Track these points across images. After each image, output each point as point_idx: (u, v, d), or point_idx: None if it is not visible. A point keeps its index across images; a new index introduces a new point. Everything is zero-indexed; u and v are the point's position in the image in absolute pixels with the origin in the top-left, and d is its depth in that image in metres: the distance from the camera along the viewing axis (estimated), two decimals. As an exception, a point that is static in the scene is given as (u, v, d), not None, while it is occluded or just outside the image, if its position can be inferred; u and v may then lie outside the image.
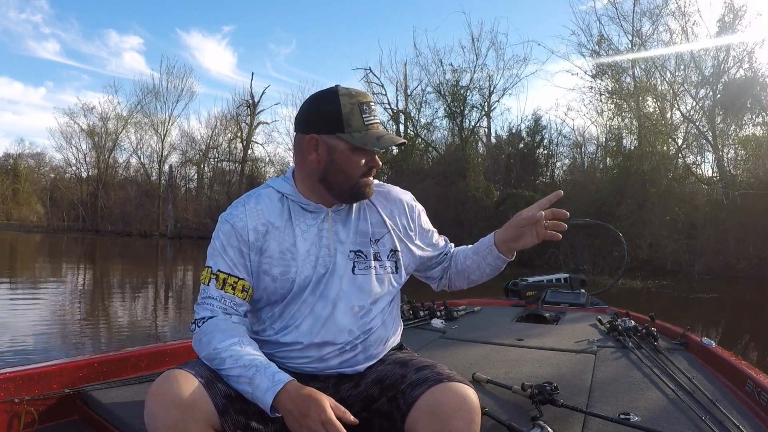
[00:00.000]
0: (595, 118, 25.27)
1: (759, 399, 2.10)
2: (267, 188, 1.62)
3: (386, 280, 1.61)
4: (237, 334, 1.42)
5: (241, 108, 39.87)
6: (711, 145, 21.03)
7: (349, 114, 1.48)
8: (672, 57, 22.07)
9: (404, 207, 1.71)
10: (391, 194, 1.70)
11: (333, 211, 1.59)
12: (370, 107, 1.52)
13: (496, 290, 5.31)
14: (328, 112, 1.49)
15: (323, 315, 1.52)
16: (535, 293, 4.66)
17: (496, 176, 26.56)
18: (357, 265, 1.57)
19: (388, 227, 1.64)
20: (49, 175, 50.00)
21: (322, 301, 1.53)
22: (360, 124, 1.49)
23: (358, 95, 1.51)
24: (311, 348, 1.52)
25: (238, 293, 1.50)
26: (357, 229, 1.61)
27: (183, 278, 15.68)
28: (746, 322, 10.16)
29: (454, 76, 27.95)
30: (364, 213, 1.64)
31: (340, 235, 1.58)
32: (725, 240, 18.56)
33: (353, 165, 1.52)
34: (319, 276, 1.53)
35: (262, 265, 1.53)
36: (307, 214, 1.57)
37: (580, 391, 2.21)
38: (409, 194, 1.77)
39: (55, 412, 2.00)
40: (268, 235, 1.54)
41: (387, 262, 1.62)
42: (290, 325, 1.53)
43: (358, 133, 1.48)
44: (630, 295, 12.79)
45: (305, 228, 1.56)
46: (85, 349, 6.26)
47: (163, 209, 39.42)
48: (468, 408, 1.27)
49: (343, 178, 1.52)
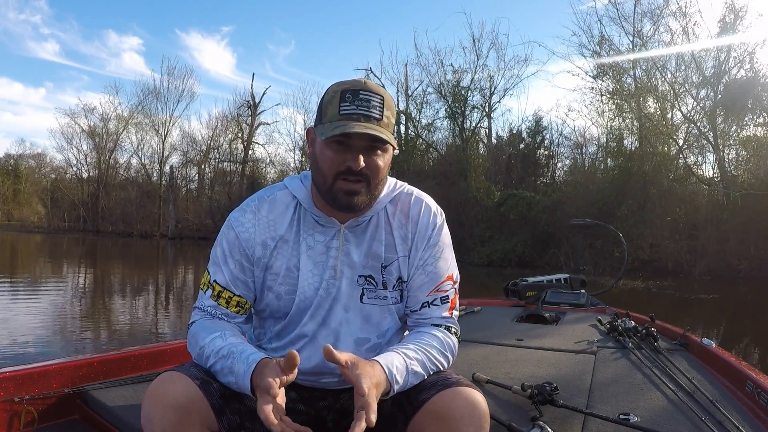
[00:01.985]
0: (596, 119, 25.34)
1: (759, 399, 2.10)
2: (283, 190, 1.48)
3: (395, 311, 1.48)
4: (219, 328, 1.38)
5: (242, 109, 39.93)
6: (712, 145, 21.01)
7: (327, 103, 1.33)
8: (673, 57, 22.12)
9: (424, 233, 1.47)
10: (413, 212, 1.47)
11: (347, 227, 1.44)
12: (356, 95, 1.30)
13: (496, 290, 5.31)
14: (319, 104, 1.38)
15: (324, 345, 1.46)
16: (535, 293, 4.66)
17: (497, 177, 26.56)
18: (366, 293, 1.44)
19: (398, 253, 1.46)
20: (50, 176, 50.03)
21: (324, 329, 1.44)
22: (334, 113, 1.30)
23: (350, 83, 1.33)
24: (310, 374, 1.47)
25: (232, 308, 1.44)
26: (370, 251, 1.45)
27: (183, 279, 15.68)
28: (747, 323, 10.15)
29: (455, 77, 28.03)
30: (380, 233, 1.46)
31: (351, 256, 1.44)
32: (726, 240, 18.53)
33: (326, 161, 1.33)
34: (321, 300, 1.43)
35: (266, 281, 1.45)
36: (318, 228, 1.44)
37: (580, 392, 2.21)
38: (436, 215, 1.50)
39: (55, 411, 2.00)
40: (276, 250, 1.44)
41: (394, 291, 1.46)
42: (288, 349, 1.44)
43: (330, 123, 1.30)
44: (631, 295, 12.78)
45: (312, 244, 1.43)
46: (85, 348, 6.26)
47: (163, 210, 39.43)
48: (478, 414, 1.24)
49: (319, 176, 1.37)
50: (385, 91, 1.36)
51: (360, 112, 1.29)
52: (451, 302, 1.48)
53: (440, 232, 1.49)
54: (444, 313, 1.47)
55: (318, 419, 1.50)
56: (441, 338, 1.41)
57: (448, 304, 1.47)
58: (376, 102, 1.32)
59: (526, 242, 21.68)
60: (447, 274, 1.48)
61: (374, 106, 1.31)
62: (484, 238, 22.94)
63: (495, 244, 22.34)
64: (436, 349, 1.38)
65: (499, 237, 22.68)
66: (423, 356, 1.33)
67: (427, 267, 1.46)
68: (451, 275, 1.49)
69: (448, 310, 1.47)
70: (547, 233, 21.35)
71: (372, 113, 1.31)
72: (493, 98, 28.03)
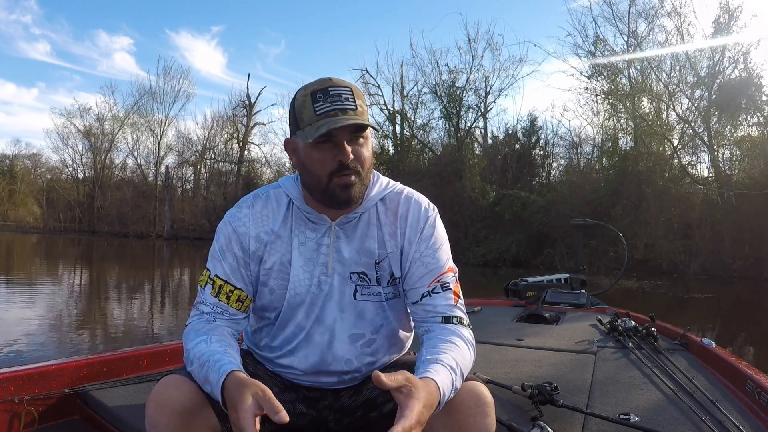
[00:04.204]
0: (591, 119, 25.35)
1: (759, 399, 2.10)
2: (278, 189, 1.50)
3: (389, 307, 1.48)
4: (207, 332, 1.36)
5: (238, 109, 39.87)
6: (706, 145, 21.06)
7: (300, 108, 1.33)
8: (668, 57, 22.12)
9: (416, 227, 1.47)
10: (402, 209, 1.48)
11: (338, 224, 1.44)
12: (326, 93, 1.31)
13: (491, 290, 5.31)
14: (290, 113, 1.38)
15: (320, 343, 1.44)
16: (536, 293, 4.67)
17: (492, 177, 26.52)
18: (360, 289, 1.44)
19: (387, 249, 1.46)
20: (46, 176, 49.84)
21: (319, 326, 1.44)
22: (311, 116, 1.31)
23: (316, 84, 1.34)
24: (307, 374, 1.47)
25: (233, 303, 1.42)
26: (362, 247, 1.45)
27: (179, 279, 15.65)
28: (742, 322, 10.19)
29: (451, 77, 28.00)
30: (372, 229, 1.46)
31: (342, 252, 1.44)
32: (721, 240, 18.59)
33: (315, 164, 1.34)
34: (313, 297, 1.44)
35: (260, 276, 1.45)
36: (309, 225, 1.45)
37: (580, 392, 2.22)
38: (427, 210, 1.50)
39: (55, 412, 2.00)
40: (270, 245, 1.44)
41: (388, 287, 1.46)
42: (285, 348, 1.47)
43: (308, 127, 1.31)
44: (625, 295, 12.80)
45: (303, 240, 1.44)
46: (81, 349, 6.24)
47: (159, 210, 39.30)
48: (483, 403, 1.25)
49: (312, 180, 1.37)
50: (350, 83, 1.36)
51: (336, 107, 1.30)
52: (454, 291, 1.44)
53: (434, 225, 1.48)
54: (449, 301, 1.42)
55: (319, 420, 1.50)
56: (467, 336, 1.38)
57: (451, 291, 1.43)
58: (346, 94, 1.32)
59: (521, 242, 21.69)
60: (447, 266, 1.46)
61: (346, 99, 1.32)
62: (479, 238, 22.94)
63: (490, 244, 22.34)
64: (468, 358, 1.34)
65: (494, 237, 22.68)
66: (461, 367, 1.27)
67: (424, 259, 1.44)
68: (452, 267, 1.47)
69: (453, 299, 1.43)
70: (542, 233, 21.38)
71: (347, 105, 1.31)
72: (488, 98, 28.04)
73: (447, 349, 1.30)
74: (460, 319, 1.41)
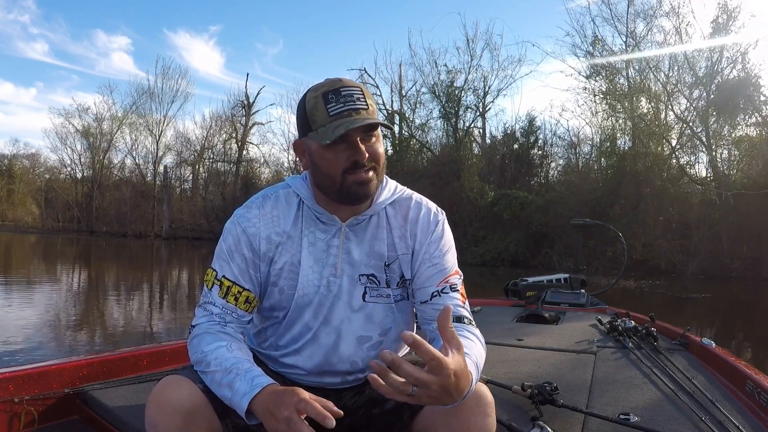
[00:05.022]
0: (590, 119, 25.41)
1: (759, 399, 2.11)
2: (286, 189, 1.49)
3: (397, 309, 1.48)
4: (226, 338, 1.35)
5: (236, 109, 39.86)
6: (705, 145, 21.11)
7: (312, 109, 1.33)
8: (666, 58, 22.20)
9: (426, 230, 1.48)
10: (412, 214, 1.49)
11: (348, 226, 1.44)
12: (338, 94, 1.32)
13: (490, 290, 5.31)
14: (300, 114, 1.38)
15: (326, 344, 1.44)
16: (535, 293, 4.67)
17: (490, 177, 26.54)
18: (369, 291, 1.45)
19: (398, 252, 1.47)
20: (44, 176, 49.72)
21: (326, 327, 1.44)
22: (324, 117, 1.31)
23: (326, 85, 1.34)
24: (311, 375, 1.47)
25: (241, 305, 1.41)
26: (372, 250, 1.46)
27: (178, 279, 15.65)
28: (740, 322, 10.20)
29: (449, 77, 28.07)
30: (381, 232, 1.47)
31: (352, 254, 1.44)
32: (719, 240, 18.63)
33: (329, 164, 1.34)
34: (322, 298, 1.43)
35: (271, 277, 1.44)
36: (319, 225, 1.45)
37: (580, 391, 2.22)
38: (437, 214, 1.52)
39: (55, 412, 2.00)
40: (281, 246, 1.44)
41: (397, 289, 1.47)
42: (291, 347, 1.47)
43: (322, 128, 1.31)
44: (623, 295, 12.81)
45: (313, 240, 1.44)
46: (79, 349, 6.24)
47: (158, 210, 39.31)
48: (484, 403, 1.26)
49: (326, 180, 1.37)
50: (359, 83, 1.37)
51: (349, 107, 1.31)
52: (461, 293, 1.46)
53: (443, 229, 1.50)
54: (457, 301, 1.43)
55: None
56: (479, 335, 1.38)
57: (458, 293, 1.45)
58: (357, 94, 1.33)
59: (519, 242, 21.72)
60: (455, 269, 1.48)
61: (358, 99, 1.33)
62: (477, 238, 22.96)
63: (488, 244, 22.37)
64: (483, 356, 1.33)
65: (493, 237, 22.71)
66: (478, 364, 1.27)
67: (434, 259, 1.46)
68: (458, 271, 1.49)
69: (461, 300, 1.45)
70: (541, 233, 21.41)
71: (359, 105, 1.32)
72: (486, 98, 28.09)
73: (466, 345, 1.26)
74: (470, 319, 1.42)
